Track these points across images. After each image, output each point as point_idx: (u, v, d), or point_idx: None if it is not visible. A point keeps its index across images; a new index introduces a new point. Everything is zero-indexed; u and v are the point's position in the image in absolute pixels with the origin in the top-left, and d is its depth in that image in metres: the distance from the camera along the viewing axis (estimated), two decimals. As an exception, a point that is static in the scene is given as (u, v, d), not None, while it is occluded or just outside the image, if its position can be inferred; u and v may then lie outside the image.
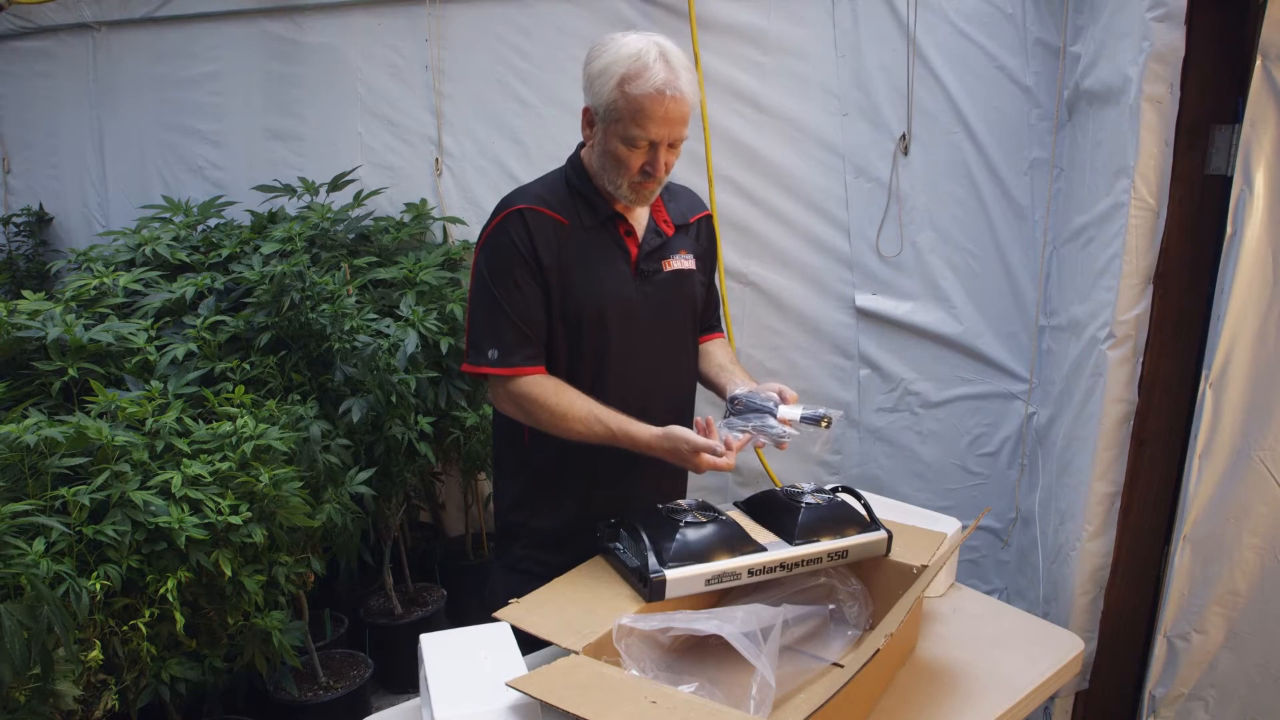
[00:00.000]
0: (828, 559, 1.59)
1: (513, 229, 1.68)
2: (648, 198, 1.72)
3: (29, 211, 3.75)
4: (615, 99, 1.59)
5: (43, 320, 2.27)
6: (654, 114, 1.58)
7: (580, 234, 1.71)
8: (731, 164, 2.86)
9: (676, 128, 1.61)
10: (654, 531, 1.53)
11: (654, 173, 1.64)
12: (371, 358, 2.47)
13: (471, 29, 3.07)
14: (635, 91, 1.57)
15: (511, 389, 1.68)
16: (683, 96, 1.59)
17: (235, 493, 1.99)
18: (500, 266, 1.68)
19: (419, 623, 2.87)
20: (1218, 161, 1.80)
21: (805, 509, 1.62)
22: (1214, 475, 1.82)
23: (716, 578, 1.50)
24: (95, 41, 3.53)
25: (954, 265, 2.65)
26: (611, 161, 1.65)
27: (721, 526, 1.57)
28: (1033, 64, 2.42)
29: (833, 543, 1.59)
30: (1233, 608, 1.87)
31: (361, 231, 3.14)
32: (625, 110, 1.59)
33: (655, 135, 1.60)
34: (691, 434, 1.57)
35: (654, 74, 1.56)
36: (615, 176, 1.66)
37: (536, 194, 1.72)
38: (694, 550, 1.50)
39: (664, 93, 1.57)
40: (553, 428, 1.66)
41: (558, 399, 1.66)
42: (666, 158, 1.65)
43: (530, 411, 1.68)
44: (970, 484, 2.74)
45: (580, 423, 1.64)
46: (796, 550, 1.57)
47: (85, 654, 1.75)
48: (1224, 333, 1.74)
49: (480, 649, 1.38)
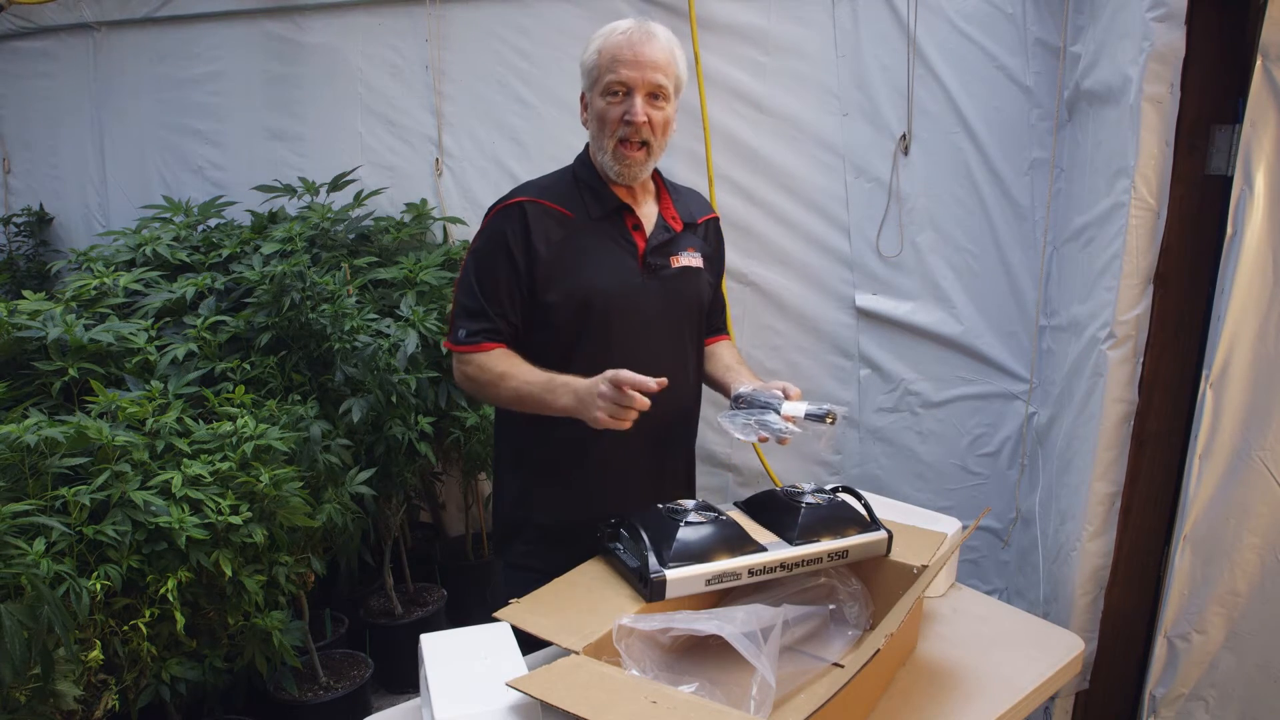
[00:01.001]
0: (828, 559, 1.59)
1: (507, 221, 1.71)
2: (634, 170, 1.72)
3: (29, 211, 3.75)
4: (594, 60, 1.68)
5: (43, 320, 2.27)
6: (624, 57, 1.64)
7: (586, 225, 1.72)
8: (732, 164, 2.86)
9: (649, 72, 1.65)
10: (654, 532, 1.53)
11: (633, 119, 1.65)
12: (372, 358, 2.47)
13: (472, 29, 3.07)
14: (607, 43, 1.67)
15: (466, 361, 1.72)
16: (654, 40, 1.66)
17: (235, 493, 1.99)
18: (483, 252, 1.72)
19: (419, 623, 2.87)
20: (1218, 162, 1.80)
21: (805, 509, 1.62)
22: (1214, 475, 1.82)
23: (717, 578, 1.50)
24: (95, 42, 3.53)
25: (954, 265, 2.65)
26: (596, 125, 1.70)
27: (721, 527, 1.56)
28: (1033, 64, 2.42)
29: (833, 543, 1.59)
30: (1233, 608, 1.87)
31: (362, 231, 3.14)
32: (600, 64, 1.67)
33: (627, 78, 1.65)
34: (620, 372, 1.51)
35: (623, 24, 1.67)
36: (603, 139, 1.70)
37: (540, 187, 1.75)
38: (694, 550, 1.50)
39: (630, 35, 1.65)
40: (491, 389, 1.69)
41: (500, 363, 1.69)
42: (649, 111, 1.67)
43: (475, 378, 1.71)
44: (970, 484, 2.74)
45: (515, 379, 1.65)
46: (796, 550, 1.57)
47: (85, 654, 1.75)
48: (1224, 333, 1.74)
49: (480, 649, 1.38)
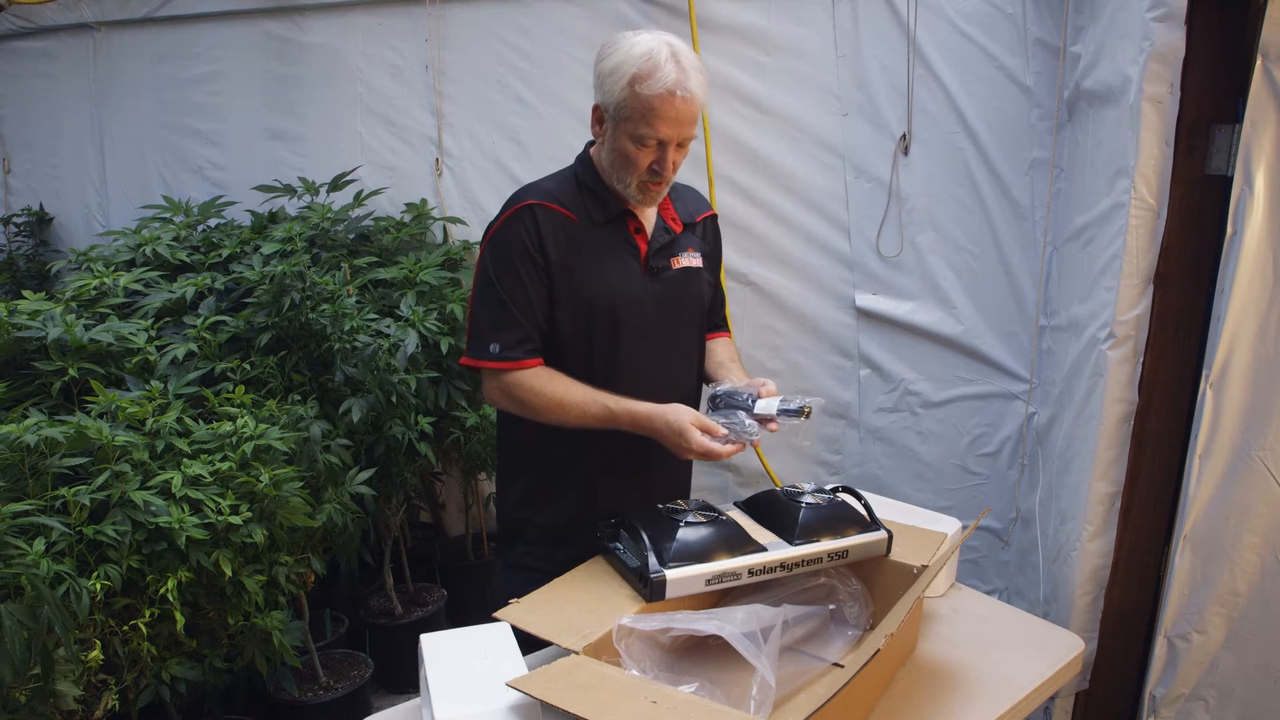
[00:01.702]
0: (828, 559, 1.59)
1: (520, 224, 1.68)
2: (654, 198, 1.73)
3: (29, 211, 3.76)
4: (626, 98, 1.60)
5: (43, 320, 2.26)
6: (664, 114, 1.59)
7: (590, 230, 1.72)
8: (732, 164, 2.86)
9: (685, 128, 1.62)
10: (654, 531, 1.53)
11: (662, 171, 1.65)
12: (372, 358, 2.47)
13: (472, 29, 3.07)
14: (646, 91, 1.58)
15: (507, 381, 1.69)
16: (693, 97, 1.60)
17: (235, 493, 1.99)
18: (505, 260, 1.68)
19: (419, 623, 2.87)
20: (1218, 162, 1.80)
21: (805, 509, 1.62)
22: (1214, 475, 1.82)
23: (717, 578, 1.50)
24: (95, 41, 3.53)
25: (954, 265, 2.65)
26: (620, 160, 1.66)
27: (721, 527, 1.56)
28: (1033, 64, 2.42)
29: (833, 543, 1.59)
30: (1233, 608, 1.87)
31: (362, 231, 3.14)
32: (635, 109, 1.59)
33: (664, 135, 1.61)
34: (695, 413, 1.60)
35: (665, 74, 1.57)
36: (624, 175, 1.67)
37: (546, 190, 1.73)
38: (694, 550, 1.50)
39: (674, 93, 1.57)
40: (551, 415, 1.67)
41: (553, 386, 1.67)
42: (675, 157, 1.65)
43: (526, 402, 1.68)
44: (970, 484, 2.74)
45: (578, 405, 1.65)
46: (796, 550, 1.57)
47: (85, 654, 1.75)
48: (1224, 333, 1.74)
49: (480, 649, 1.38)
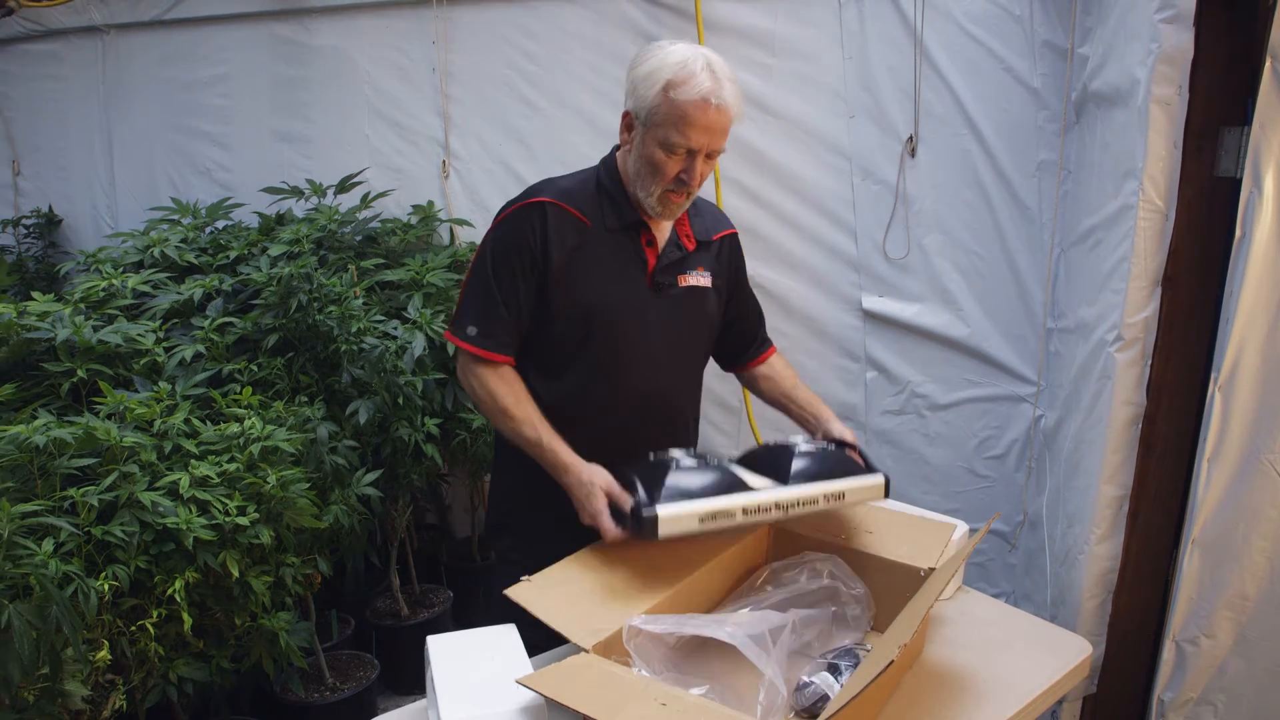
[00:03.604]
0: (824, 500, 1.57)
1: (529, 219, 1.68)
2: (674, 211, 1.71)
3: (38, 213, 3.77)
4: (659, 103, 1.59)
5: (52, 322, 2.27)
6: (697, 121, 1.58)
7: (602, 236, 1.71)
8: (738, 166, 2.86)
9: (716, 138, 1.61)
10: (646, 474, 1.50)
11: (689, 181, 1.63)
12: (379, 359, 2.47)
13: (478, 32, 3.08)
14: (680, 97, 1.57)
15: (476, 369, 1.71)
16: (726, 107, 1.59)
17: (243, 494, 1.99)
18: (503, 251, 1.69)
19: (425, 624, 2.87)
20: (1227, 164, 1.79)
21: (799, 456, 1.61)
22: (1223, 479, 1.81)
23: (710, 516, 1.47)
24: (104, 44, 3.55)
25: (961, 267, 2.65)
26: (647, 167, 1.64)
27: (715, 470, 1.54)
28: (1040, 66, 2.42)
29: (828, 484, 1.57)
30: (1242, 612, 1.86)
31: (368, 233, 3.14)
32: (668, 115, 1.58)
33: (695, 143, 1.60)
34: (613, 483, 1.57)
35: (700, 81, 1.57)
36: (649, 183, 1.65)
37: (563, 189, 1.72)
38: (687, 490, 1.48)
39: (709, 101, 1.57)
40: (494, 418, 1.71)
41: (505, 391, 1.69)
42: (702, 169, 1.64)
43: (480, 396, 1.72)
44: (978, 487, 2.74)
45: (517, 421, 1.67)
46: (791, 491, 1.54)
47: (93, 654, 1.76)
48: (1233, 336, 1.74)
49: (487, 651, 1.38)
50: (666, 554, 1.58)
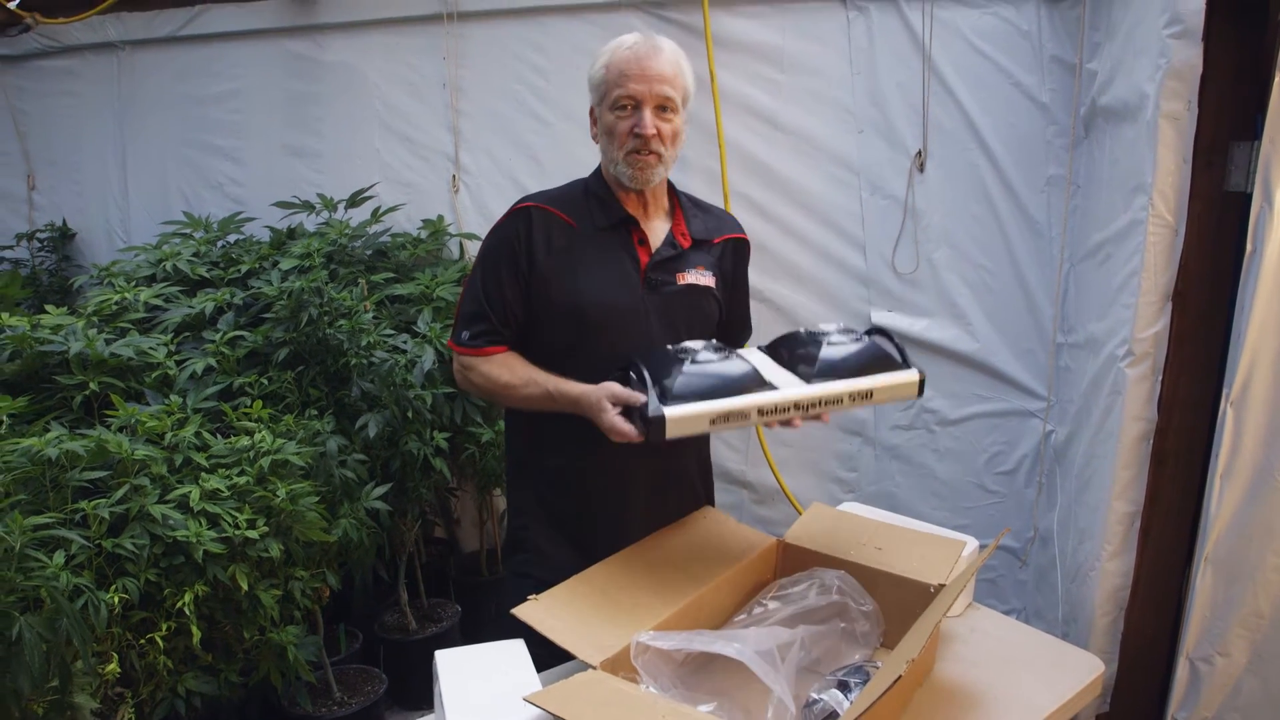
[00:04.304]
0: (849, 399, 1.47)
1: (514, 225, 1.74)
2: (647, 176, 1.71)
3: (52, 227, 3.80)
4: (601, 75, 1.71)
5: (65, 335, 2.29)
6: (630, 71, 1.66)
7: (590, 236, 1.73)
8: (747, 181, 2.87)
9: (655, 85, 1.67)
10: (657, 369, 1.43)
11: (642, 131, 1.66)
12: (388, 373, 2.48)
13: (489, 47, 3.10)
14: (613, 59, 1.69)
15: (471, 364, 1.76)
16: (660, 54, 1.68)
17: (252, 507, 2.00)
18: (492, 257, 1.76)
19: (433, 638, 2.86)
20: (1237, 178, 1.79)
21: (828, 347, 1.51)
22: (1235, 495, 1.80)
23: (723, 417, 1.40)
24: (120, 60, 3.58)
25: (970, 282, 2.64)
26: (606, 138, 1.72)
27: (732, 364, 1.46)
28: (1049, 81, 2.42)
29: (855, 382, 1.47)
30: (1256, 630, 1.84)
31: (379, 247, 3.16)
32: (609, 78, 1.69)
33: (635, 91, 1.66)
34: (618, 389, 1.51)
35: (629, 39, 1.70)
36: (613, 151, 1.71)
37: (549, 196, 1.79)
38: (698, 389, 1.40)
39: (636, 50, 1.67)
40: (500, 399, 1.76)
41: (501, 371, 1.73)
42: (657, 122, 1.68)
43: (480, 386, 1.76)
44: (988, 502, 2.72)
45: (524, 386, 1.69)
46: (813, 389, 1.45)
47: (103, 667, 1.76)
48: (1244, 351, 1.73)
49: (495, 667, 1.38)
50: (674, 570, 1.58)
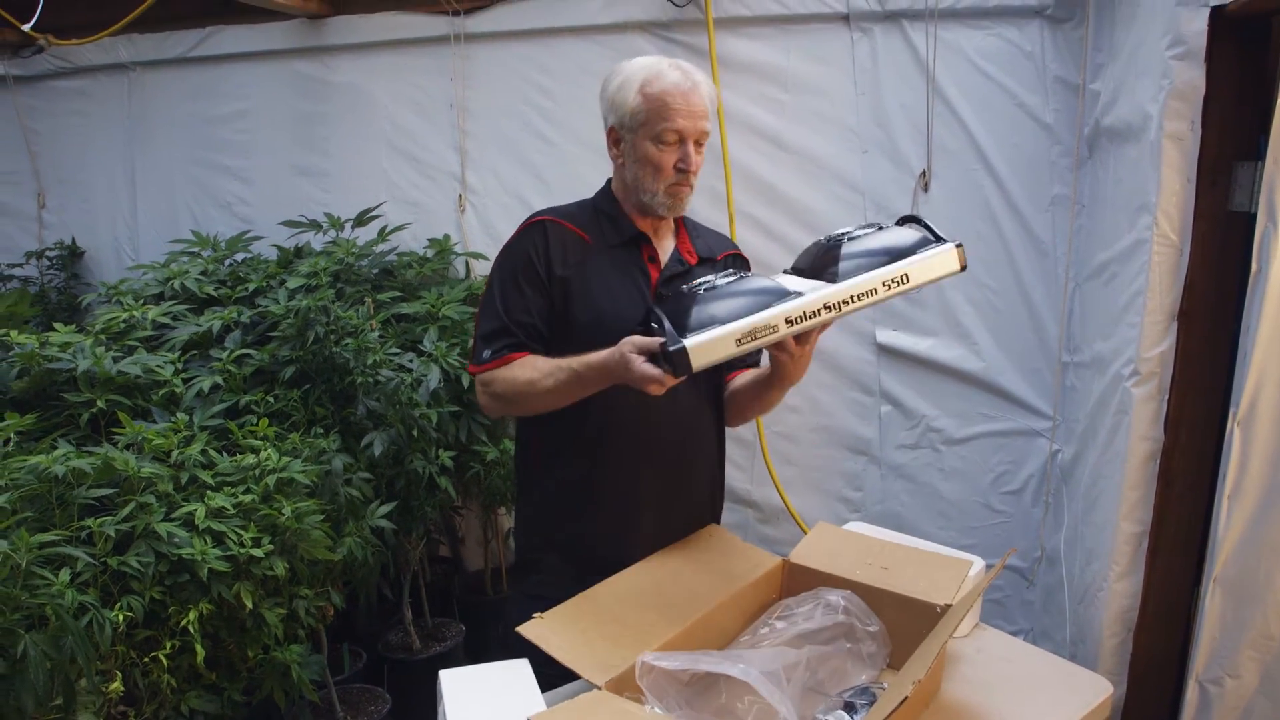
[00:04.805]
0: (883, 288, 1.38)
1: (529, 238, 1.74)
2: (682, 205, 1.74)
3: (61, 245, 3.83)
4: (638, 103, 1.67)
5: (73, 353, 2.30)
6: (677, 106, 1.65)
7: (603, 251, 1.75)
8: (752, 200, 2.88)
9: (699, 121, 1.68)
10: (674, 308, 1.38)
11: (687, 168, 1.68)
12: (394, 392, 2.48)
13: (495, 67, 3.13)
14: (655, 90, 1.66)
15: (493, 377, 1.69)
16: (699, 88, 1.67)
17: (258, 525, 2.00)
18: (507, 270, 1.74)
19: (437, 658, 2.85)
20: (1241, 198, 1.79)
21: (849, 242, 1.45)
22: (1244, 515, 1.79)
23: (749, 335, 1.33)
24: (130, 81, 3.62)
25: (975, 301, 2.64)
26: (646, 167, 1.69)
27: (750, 282, 1.40)
28: (1052, 101, 2.43)
29: (887, 269, 1.38)
30: (1267, 651, 1.82)
31: (385, 266, 3.17)
32: (650, 110, 1.66)
33: (682, 128, 1.66)
34: (637, 339, 1.45)
35: (669, 72, 1.67)
36: (652, 182, 1.70)
37: (563, 211, 1.79)
38: (718, 314, 1.34)
39: (682, 85, 1.66)
40: (528, 400, 1.66)
41: (522, 371, 1.66)
42: (695, 156, 1.69)
43: (503, 394, 1.68)
44: (994, 522, 2.71)
45: (548, 377, 1.62)
46: (842, 286, 1.37)
47: (107, 685, 1.76)
48: (1251, 370, 1.72)
49: (499, 686, 1.37)
50: (680, 589, 1.58)
